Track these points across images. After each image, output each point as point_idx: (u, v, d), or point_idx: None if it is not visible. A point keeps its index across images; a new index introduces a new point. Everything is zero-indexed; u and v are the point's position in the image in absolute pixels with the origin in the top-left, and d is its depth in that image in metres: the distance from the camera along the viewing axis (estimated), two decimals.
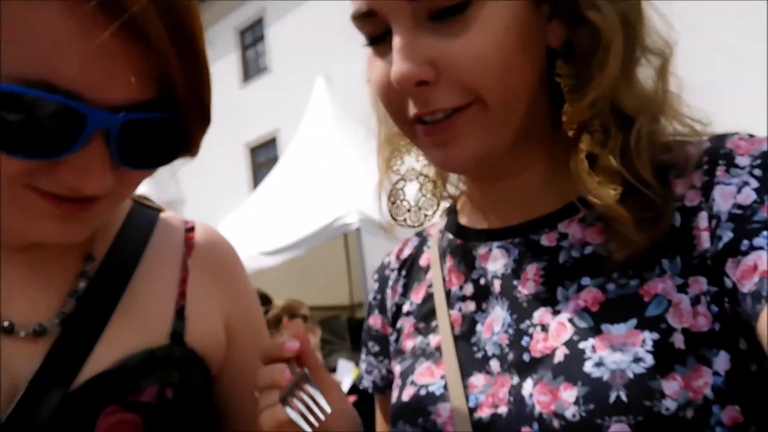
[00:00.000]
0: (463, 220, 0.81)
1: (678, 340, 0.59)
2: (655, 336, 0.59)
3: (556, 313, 0.66)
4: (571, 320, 0.64)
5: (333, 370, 5.93)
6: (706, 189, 0.63)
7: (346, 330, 6.31)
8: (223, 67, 15.20)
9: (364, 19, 0.65)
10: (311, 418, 0.64)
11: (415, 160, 0.81)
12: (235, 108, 14.14)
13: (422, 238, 0.89)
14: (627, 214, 0.62)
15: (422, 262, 0.85)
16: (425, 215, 0.81)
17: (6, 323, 0.65)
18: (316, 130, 6.01)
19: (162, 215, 0.82)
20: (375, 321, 0.89)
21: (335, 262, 6.85)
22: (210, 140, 0.71)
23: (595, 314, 0.64)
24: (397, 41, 0.62)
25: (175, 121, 0.61)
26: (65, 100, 0.54)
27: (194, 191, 13.78)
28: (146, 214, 0.81)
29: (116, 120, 0.56)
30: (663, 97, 0.66)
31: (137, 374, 0.68)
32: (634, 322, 0.61)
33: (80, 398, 0.64)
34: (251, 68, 15.53)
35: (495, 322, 0.71)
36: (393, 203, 0.81)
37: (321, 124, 5.94)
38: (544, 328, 0.66)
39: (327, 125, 5.79)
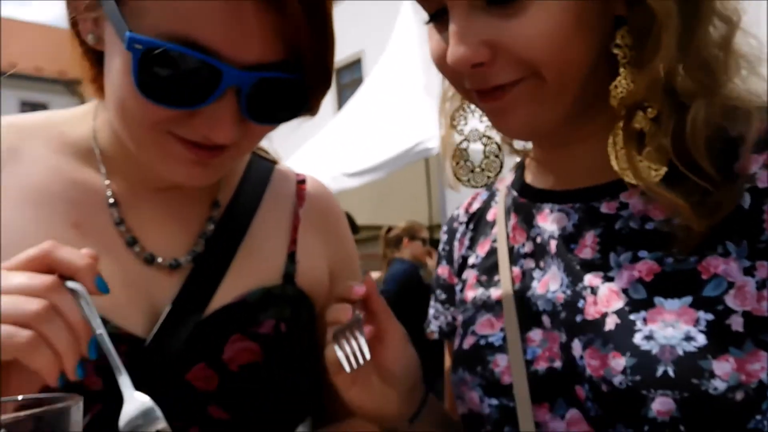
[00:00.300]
0: (529, 178, 0.82)
1: (736, 323, 0.58)
2: (710, 317, 0.59)
3: (608, 279, 0.66)
4: (624, 290, 0.64)
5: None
6: None
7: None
8: None
9: (424, 1, 0.67)
10: (352, 360, 0.67)
11: (479, 121, 0.80)
12: None
13: (491, 193, 0.90)
14: (668, 195, 0.61)
15: (489, 216, 0.87)
16: (488, 177, 0.80)
17: (148, 254, 0.75)
18: (401, 54, 5.93)
19: (277, 167, 0.90)
20: (443, 271, 0.92)
21: (416, 184, 6.88)
22: None
23: (648, 286, 0.63)
24: (453, 24, 0.63)
25: (300, 82, 0.67)
26: (205, 58, 0.61)
27: None
28: (263, 166, 0.89)
29: (248, 78, 0.63)
30: (725, 69, 0.64)
31: (256, 308, 0.77)
32: (689, 299, 0.60)
33: (210, 326, 0.74)
34: None
35: (552, 280, 0.72)
36: (457, 164, 0.81)
37: (406, 48, 5.85)
38: (594, 291, 0.67)
39: (412, 49, 5.70)
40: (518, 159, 0.88)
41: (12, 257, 0.61)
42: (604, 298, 0.65)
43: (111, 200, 0.76)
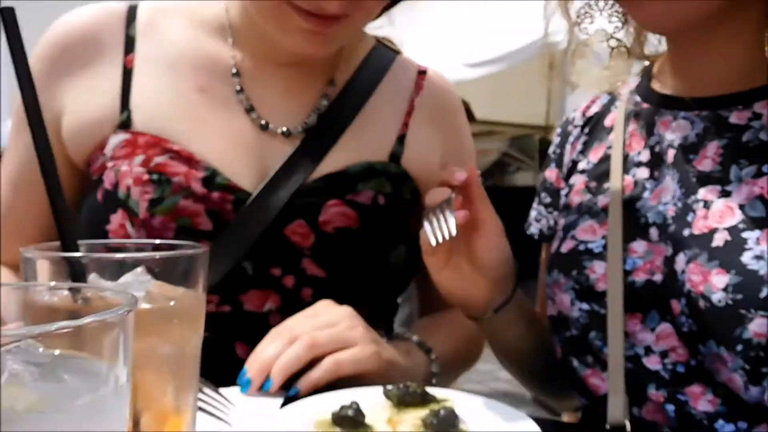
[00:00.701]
0: (656, 84, 0.78)
1: None
2: None
3: (725, 194, 0.63)
4: (742, 206, 0.61)
5: (517, 187, 6.02)
6: None
7: (536, 150, 6.25)
8: None
9: None
10: (438, 234, 0.69)
11: (606, 21, 0.76)
12: None
13: (611, 98, 0.86)
14: None
15: (607, 122, 0.84)
16: (612, 81, 0.77)
17: (263, 122, 0.83)
18: None
19: (400, 57, 0.94)
20: (551, 174, 0.90)
21: (536, 80, 6.63)
22: None
23: None
24: None
25: None
26: None
27: None
28: (386, 54, 0.93)
29: None
30: None
31: (357, 179, 0.83)
32: None
33: (311, 189, 0.81)
34: None
35: (664, 192, 0.70)
36: (574, 64, 0.78)
37: None
38: (707, 205, 0.64)
39: None
40: (646, 64, 0.83)
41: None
42: (718, 213, 0.63)
43: (234, 70, 0.84)
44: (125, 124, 0.80)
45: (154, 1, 0.89)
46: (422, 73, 0.95)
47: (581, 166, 0.84)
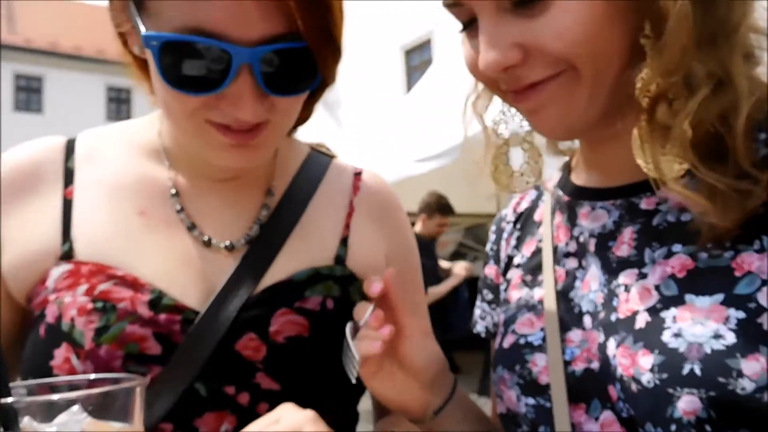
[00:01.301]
0: (574, 177, 0.81)
1: None
2: (742, 315, 0.57)
3: (642, 276, 0.65)
4: (657, 287, 0.63)
5: (476, 277, 6.07)
6: None
7: None
8: None
9: (452, 8, 0.68)
10: (352, 370, 0.71)
11: (519, 126, 0.80)
12: (390, 10, 14.06)
13: (539, 192, 0.89)
14: (686, 192, 0.59)
15: (536, 216, 0.87)
16: (527, 182, 0.80)
17: (206, 238, 0.83)
18: None
19: (335, 161, 0.96)
20: (490, 270, 0.92)
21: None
22: (366, 43, 0.78)
23: (681, 282, 0.62)
24: (482, 31, 0.64)
25: (306, 50, 0.71)
26: (213, 41, 0.66)
27: (350, 93, 14.13)
28: (321, 159, 0.95)
29: (255, 53, 0.68)
30: (743, 53, 0.61)
31: (304, 286, 0.82)
32: (720, 297, 0.59)
33: (259, 301, 0.80)
34: None
35: (592, 280, 0.71)
36: (496, 168, 0.80)
37: None
38: (627, 288, 0.66)
39: None
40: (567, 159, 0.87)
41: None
42: (637, 295, 0.65)
43: (173, 191, 0.85)
44: (67, 255, 0.79)
45: (93, 129, 0.90)
46: (358, 174, 0.97)
47: (516, 260, 0.86)
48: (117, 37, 0.79)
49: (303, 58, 0.72)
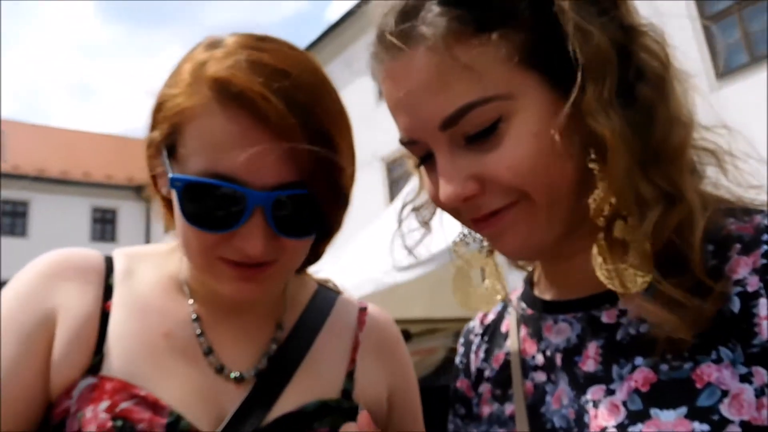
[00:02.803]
0: (537, 290, 0.82)
1: None
2: (706, 428, 0.57)
3: (610, 392, 0.65)
4: (624, 402, 0.63)
5: None
6: (765, 273, 0.59)
7: None
8: (360, 85, 15.65)
9: (409, 145, 0.71)
10: None
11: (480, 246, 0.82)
12: (371, 123, 14.50)
13: (504, 304, 0.90)
14: (649, 306, 0.61)
15: (503, 328, 0.87)
16: (489, 302, 0.82)
17: (219, 365, 0.86)
18: None
19: (341, 297, 1.01)
20: (461, 384, 0.92)
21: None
22: None
23: (645, 396, 0.62)
24: (439, 166, 0.68)
25: (315, 197, 0.76)
26: (231, 185, 0.73)
27: None
28: (328, 295, 1.00)
29: (269, 197, 0.74)
30: (689, 170, 0.65)
31: (312, 418, 0.84)
32: (684, 410, 0.59)
33: (269, 431, 0.81)
34: None
35: (562, 395, 0.71)
36: (458, 288, 0.82)
37: None
38: (596, 404, 0.66)
39: None
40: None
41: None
42: (606, 412, 0.64)
43: (194, 315, 0.89)
44: (95, 368, 0.80)
45: (125, 249, 0.95)
46: (363, 309, 1.02)
47: (486, 373, 0.86)
48: (150, 179, 0.86)
49: (311, 204, 0.77)
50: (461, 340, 0.96)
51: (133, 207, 27.81)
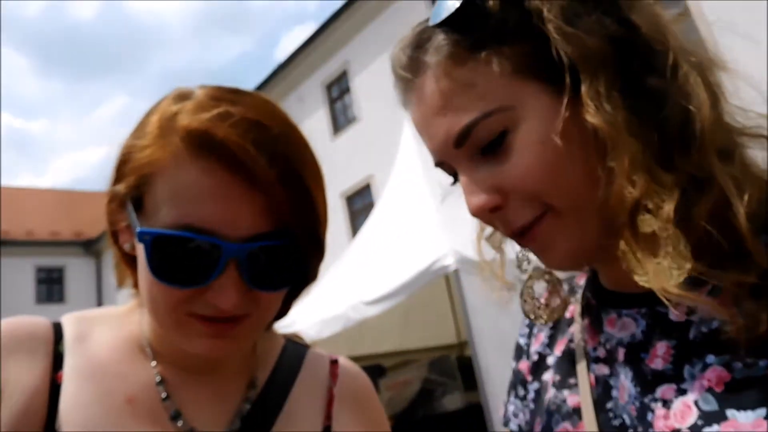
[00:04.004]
0: (602, 278, 0.81)
1: None
2: None
3: (681, 392, 0.63)
4: (696, 402, 0.61)
5: (447, 412, 5.87)
6: None
7: (456, 369, 6.24)
8: (314, 121, 15.75)
9: (441, 167, 0.74)
10: None
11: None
12: (328, 159, 14.51)
13: (571, 287, 0.89)
14: (692, 296, 0.59)
15: (568, 313, 0.86)
16: (551, 313, 0.84)
17: (188, 430, 0.82)
18: (407, 174, 6.10)
19: (310, 350, 1.00)
20: (522, 366, 0.91)
21: (439, 302, 6.83)
22: None
23: (719, 396, 0.60)
24: (461, 182, 0.70)
25: (292, 248, 0.76)
26: (204, 237, 0.71)
27: None
28: (297, 350, 0.99)
29: (243, 249, 0.72)
30: (709, 149, 0.64)
31: None
32: (763, 411, 0.56)
33: None
34: (340, 119, 15.99)
35: (623, 390, 0.70)
36: (525, 301, 0.84)
37: (412, 168, 6.02)
38: (666, 404, 0.64)
39: (416, 169, 5.86)
40: None
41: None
42: (679, 413, 0.62)
43: (158, 378, 0.85)
44: None
45: (78, 313, 0.91)
46: (335, 362, 1.00)
47: (549, 360, 0.85)
48: (109, 235, 0.84)
49: (286, 255, 0.76)
50: (525, 321, 0.94)
51: (81, 264, 26.96)
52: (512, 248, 0.82)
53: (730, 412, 0.58)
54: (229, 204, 0.72)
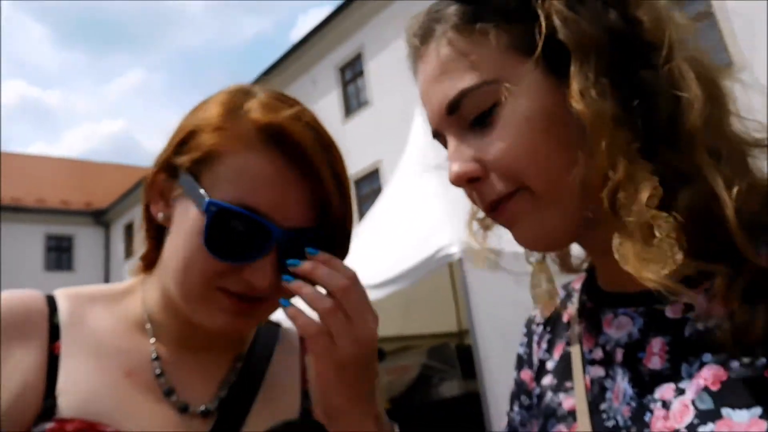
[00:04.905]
0: (599, 279, 0.81)
1: None
2: None
3: (680, 391, 0.63)
4: (693, 402, 0.61)
5: (444, 399, 5.89)
6: None
7: (455, 357, 6.26)
8: (326, 103, 15.71)
9: (437, 139, 0.77)
10: None
11: None
12: (338, 142, 14.50)
13: (567, 292, 0.90)
14: (680, 288, 0.59)
15: (565, 318, 0.87)
16: (557, 301, 0.86)
17: (182, 404, 0.87)
18: (416, 161, 6.08)
19: (282, 327, 1.06)
20: (525, 375, 0.91)
21: (441, 290, 6.83)
22: None
23: (715, 395, 0.60)
24: (448, 150, 0.72)
25: (327, 244, 0.81)
26: (261, 219, 0.78)
27: None
28: (270, 327, 1.05)
29: (289, 237, 0.78)
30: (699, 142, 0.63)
31: None
32: (758, 410, 0.56)
33: None
34: (352, 103, 15.95)
35: (619, 391, 0.70)
36: (534, 289, 0.86)
37: (421, 155, 6.00)
38: (665, 404, 0.64)
39: (426, 155, 5.84)
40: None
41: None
42: (678, 413, 0.62)
43: (154, 355, 0.90)
44: (49, 413, 0.78)
45: (71, 289, 0.93)
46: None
47: (549, 365, 0.85)
48: (143, 203, 0.89)
49: (317, 246, 0.81)
50: (523, 330, 0.95)
51: (90, 233, 27.25)
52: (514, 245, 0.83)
53: (725, 411, 0.58)
54: (285, 193, 0.79)
